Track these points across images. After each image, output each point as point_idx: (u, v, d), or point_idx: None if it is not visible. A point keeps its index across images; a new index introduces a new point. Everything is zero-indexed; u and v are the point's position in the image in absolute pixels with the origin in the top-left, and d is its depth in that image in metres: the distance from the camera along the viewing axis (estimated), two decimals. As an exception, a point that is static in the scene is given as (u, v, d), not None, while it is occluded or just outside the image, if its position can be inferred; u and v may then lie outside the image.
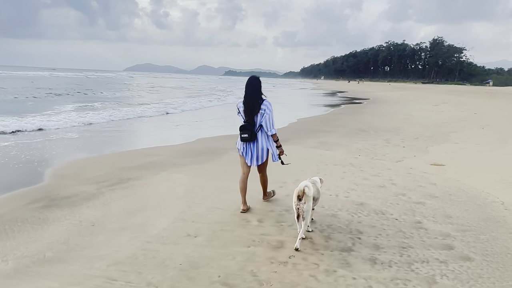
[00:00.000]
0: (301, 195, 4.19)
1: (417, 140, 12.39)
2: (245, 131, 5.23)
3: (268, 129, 5.20)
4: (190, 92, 44.76)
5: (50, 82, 50.18)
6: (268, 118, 5.17)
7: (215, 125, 16.86)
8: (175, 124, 16.58)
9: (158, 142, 12.10)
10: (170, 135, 14.06)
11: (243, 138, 5.26)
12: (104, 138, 12.53)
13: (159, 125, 16.53)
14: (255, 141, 5.28)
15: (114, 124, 15.56)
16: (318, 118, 19.77)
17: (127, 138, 12.83)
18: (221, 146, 10.85)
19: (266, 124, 5.18)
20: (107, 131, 13.73)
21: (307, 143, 11.67)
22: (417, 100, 35.59)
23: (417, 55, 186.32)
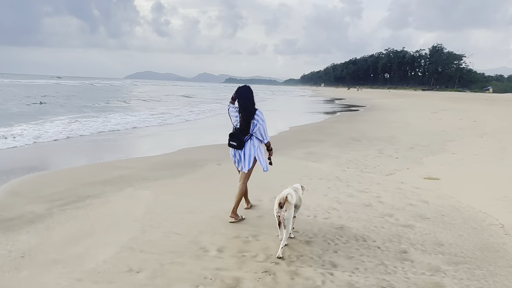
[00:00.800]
0: (282, 203, 4.16)
1: (412, 150, 11.69)
2: (233, 139, 5.34)
3: (263, 139, 5.39)
4: (197, 100, 44.16)
5: (64, 90, 51.29)
6: (261, 129, 5.31)
7: (207, 133, 16.18)
8: (168, 133, 15.90)
9: (139, 152, 11.42)
10: (156, 144, 13.37)
11: (231, 144, 5.39)
12: (85, 148, 11.84)
13: (150, 135, 15.85)
14: (243, 149, 5.37)
15: (105, 134, 14.88)
16: (311, 126, 19.10)
17: (110, 148, 12.12)
18: (202, 157, 10.17)
19: (260, 134, 5.33)
20: (94, 140, 13.04)
21: (294, 153, 10.98)
22: (415, 107, 34.97)
23: (417, 62, 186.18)
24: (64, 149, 11.69)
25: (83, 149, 11.79)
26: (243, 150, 5.37)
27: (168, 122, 19.64)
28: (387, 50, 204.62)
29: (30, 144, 11.67)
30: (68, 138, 13.13)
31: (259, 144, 5.43)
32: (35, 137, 12.44)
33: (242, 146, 5.34)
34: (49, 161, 10.18)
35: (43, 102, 28.94)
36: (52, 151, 11.34)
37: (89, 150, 11.62)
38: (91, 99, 36.06)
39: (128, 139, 13.92)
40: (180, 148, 12.04)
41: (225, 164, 9.26)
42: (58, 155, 10.97)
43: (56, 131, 14.08)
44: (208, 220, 5.37)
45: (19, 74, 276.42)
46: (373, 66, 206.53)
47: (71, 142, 12.61)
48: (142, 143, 13.68)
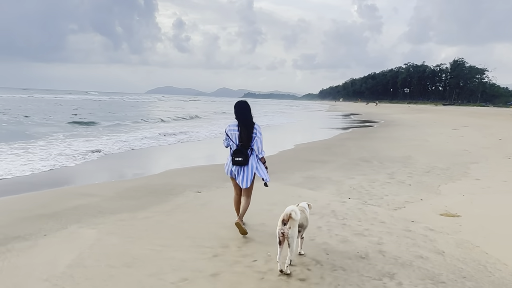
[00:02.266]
0: (286, 220, 4.09)
1: (428, 174, 10.15)
2: (239, 155, 5.35)
3: (259, 152, 5.40)
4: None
5: (103, 105, 55.02)
6: (259, 142, 5.35)
7: (207, 153, 14.94)
8: (167, 152, 14.73)
9: (118, 175, 10.21)
10: (145, 164, 12.16)
11: (237, 161, 5.38)
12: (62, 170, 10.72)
13: (149, 155, 14.68)
14: (247, 164, 5.40)
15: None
16: (319, 144, 17.65)
17: (96, 169, 10.96)
18: (185, 181, 8.91)
19: (257, 147, 5.36)
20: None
21: (291, 178, 9.59)
22: (435, 123, 33.09)
23: (438, 76, 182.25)
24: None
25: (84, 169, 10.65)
26: (248, 166, 5.41)
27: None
28: (407, 64, 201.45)
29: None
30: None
31: (258, 159, 5.45)
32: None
33: (247, 161, 5.37)
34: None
35: (92, 122, 27.29)
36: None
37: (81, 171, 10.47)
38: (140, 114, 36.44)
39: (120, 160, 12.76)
40: (168, 169, 10.82)
41: (206, 191, 7.97)
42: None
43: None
44: (145, 279, 4.03)
45: (47, 89, 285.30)
46: (392, 80, 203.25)
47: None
48: (134, 163, 12.47)
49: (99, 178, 9.56)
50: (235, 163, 5.41)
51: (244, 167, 5.43)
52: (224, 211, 6.44)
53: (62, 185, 8.75)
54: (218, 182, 8.86)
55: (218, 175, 9.60)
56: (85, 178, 9.81)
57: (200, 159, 13.45)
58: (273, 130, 26.73)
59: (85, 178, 9.73)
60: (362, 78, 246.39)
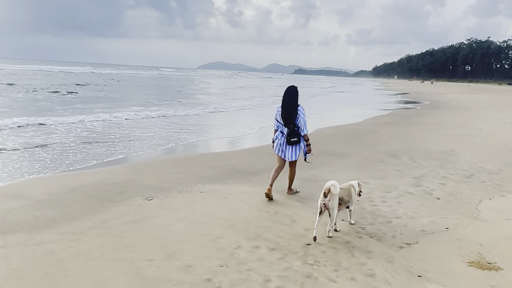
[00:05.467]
0: (326, 193, 4.64)
1: (469, 180, 7.71)
2: (293, 136, 6.23)
3: (302, 130, 6.23)
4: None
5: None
6: (302, 121, 6.19)
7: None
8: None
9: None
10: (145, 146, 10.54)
11: (292, 142, 6.25)
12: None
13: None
14: (300, 142, 6.30)
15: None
16: (347, 129, 15.26)
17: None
18: (149, 180, 7.23)
19: (301, 125, 6.20)
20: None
21: (283, 180, 7.56)
22: (495, 106, 29.14)
23: (504, 53, 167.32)
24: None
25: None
26: (299, 144, 6.32)
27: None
28: (469, 40, 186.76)
29: None
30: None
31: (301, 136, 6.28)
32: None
33: (300, 140, 6.27)
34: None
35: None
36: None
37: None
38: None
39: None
40: (155, 157, 9.17)
41: (161, 198, 6.18)
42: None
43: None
44: None
45: (107, 63, 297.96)
46: (452, 57, 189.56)
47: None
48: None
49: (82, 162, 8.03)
50: (291, 143, 6.27)
51: (296, 145, 6.31)
52: (154, 238, 4.63)
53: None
54: (193, 184, 7.06)
55: (202, 172, 7.84)
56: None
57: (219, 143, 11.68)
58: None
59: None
60: (419, 55, 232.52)
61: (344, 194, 4.98)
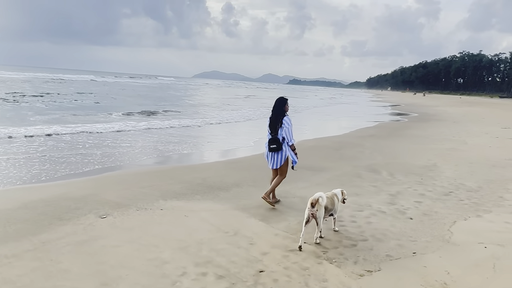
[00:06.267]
0: (314, 203, 4.90)
1: (447, 198, 7.40)
2: (273, 143, 6.50)
3: (288, 140, 6.44)
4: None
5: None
6: (287, 131, 6.40)
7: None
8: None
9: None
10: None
11: (271, 148, 6.52)
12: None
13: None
14: (281, 150, 6.51)
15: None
16: (331, 141, 14.95)
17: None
18: (109, 196, 6.82)
19: (286, 136, 6.41)
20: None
21: (252, 196, 7.22)
22: (484, 119, 29.08)
23: (495, 66, 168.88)
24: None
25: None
26: (281, 152, 6.53)
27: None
28: (462, 53, 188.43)
29: None
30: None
31: (289, 146, 6.51)
32: None
33: (281, 147, 6.48)
34: None
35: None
36: None
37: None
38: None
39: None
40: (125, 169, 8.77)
41: (116, 216, 5.79)
42: None
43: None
44: None
45: (104, 71, 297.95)
46: (445, 70, 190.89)
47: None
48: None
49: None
50: (270, 150, 6.54)
51: (278, 152, 6.52)
52: (94, 263, 4.24)
53: None
54: (155, 200, 6.68)
55: (169, 187, 7.48)
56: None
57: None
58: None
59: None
60: (413, 67, 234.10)
61: (327, 203, 5.19)
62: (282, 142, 6.46)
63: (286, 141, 6.46)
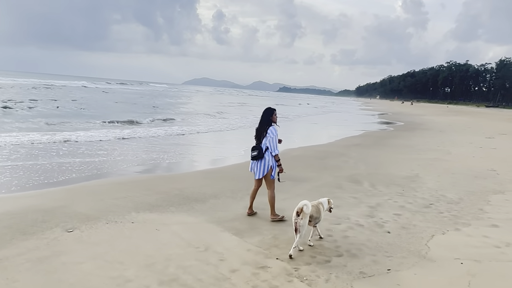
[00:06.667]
0: (299, 212, 4.94)
1: (427, 211, 7.30)
2: (254, 150, 6.42)
3: (272, 150, 6.30)
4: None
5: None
6: (271, 141, 6.28)
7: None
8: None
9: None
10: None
11: (252, 156, 6.43)
12: None
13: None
14: (263, 159, 6.35)
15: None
16: (316, 150, 14.85)
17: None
18: (80, 208, 6.60)
19: (270, 145, 6.29)
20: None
21: (230, 207, 7.05)
22: (469, 129, 29.33)
23: (482, 76, 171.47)
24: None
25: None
26: (262, 160, 6.36)
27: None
28: (449, 63, 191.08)
29: None
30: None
31: (272, 156, 6.35)
32: None
33: (262, 156, 6.34)
34: None
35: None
36: None
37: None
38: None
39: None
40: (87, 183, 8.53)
41: (83, 230, 5.57)
42: None
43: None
44: None
45: (93, 77, 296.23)
46: (432, 79, 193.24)
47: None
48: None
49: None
50: (252, 158, 6.44)
51: (260, 161, 6.36)
52: (52, 282, 4.02)
53: None
54: (127, 212, 6.47)
55: (144, 198, 7.26)
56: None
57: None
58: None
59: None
60: (401, 76, 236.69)
61: (313, 212, 5.23)
62: (265, 151, 6.31)
63: (269, 151, 6.30)
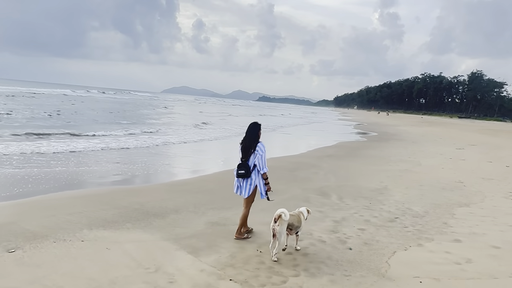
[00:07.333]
0: (277, 219, 5.07)
1: (391, 225, 7.21)
2: (241, 168, 6.03)
3: (260, 168, 5.97)
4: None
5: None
6: (260, 158, 5.96)
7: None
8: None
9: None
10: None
11: (239, 174, 6.02)
12: None
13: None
14: (250, 177, 6.03)
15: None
16: (288, 162, 14.70)
17: None
18: (28, 225, 6.19)
19: (258, 163, 5.96)
20: None
21: (190, 224, 6.79)
22: (441, 140, 29.85)
23: (454, 88, 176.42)
24: None
25: None
26: (249, 179, 6.04)
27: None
28: (423, 74, 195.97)
29: None
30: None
31: (260, 174, 6.02)
32: None
33: (249, 174, 6.01)
34: None
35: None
36: None
37: None
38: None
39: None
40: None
41: (25, 251, 5.18)
42: None
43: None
44: None
45: (68, 84, 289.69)
46: (408, 90, 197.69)
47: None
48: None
49: None
50: (238, 176, 6.06)
51: (246, 180, 6.07)
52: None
53: None
54: (79, 229, 6.12)
55: (100, 213, 6.91)
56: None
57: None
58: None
59: None
60: (377, 87, 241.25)
61: (294, 221, 5.35)
62: (252, 169, 6.02)
63: (257, 169, 6.02)
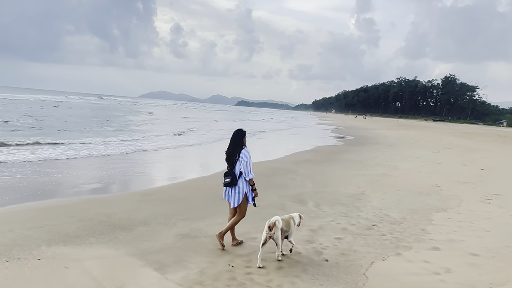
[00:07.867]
0: (271, 226, 5.32)
1: (368, 233, 7.01)
2: (227, 176, 5.98)
3: (246, 175, 5.91)
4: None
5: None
6: (245, 165, 5.90)
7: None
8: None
9: None
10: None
11: (225, 183, 5.98)
12: None
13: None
14: (237, 186, 5.93)
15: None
16: (265, 167, 14.34)
17: None
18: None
19: (244, 170, 5.90)
20: None
21: (159, 237, 6.41)
22: (417, 143, 30.20)
23: (429, 92, 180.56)
24: None
25: None
26: (236, 187, 5.95)
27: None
28: (399, 79, 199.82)
29: None
30: None
31: (247, 181, 5.94)
32: None
33: (236, 183, 5.92)
34: None
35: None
36: None
37: None
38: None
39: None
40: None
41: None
42: None
43: None
44: None
45: (43, 89, 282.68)
46: (384, 94, 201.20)
47: None
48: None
49: None
50: (225, 184, 6.00)
51: (233, 188, 5.97)
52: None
53: None
54: (37, 246, 5.66)
55: (63, 227, 6.45)
56: None
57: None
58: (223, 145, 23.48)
59: None
60: (355, 91, 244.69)
61: (283, 225, 5.49)
62: (238, 177, 5.92)
63: (243, 176, 5.92)
